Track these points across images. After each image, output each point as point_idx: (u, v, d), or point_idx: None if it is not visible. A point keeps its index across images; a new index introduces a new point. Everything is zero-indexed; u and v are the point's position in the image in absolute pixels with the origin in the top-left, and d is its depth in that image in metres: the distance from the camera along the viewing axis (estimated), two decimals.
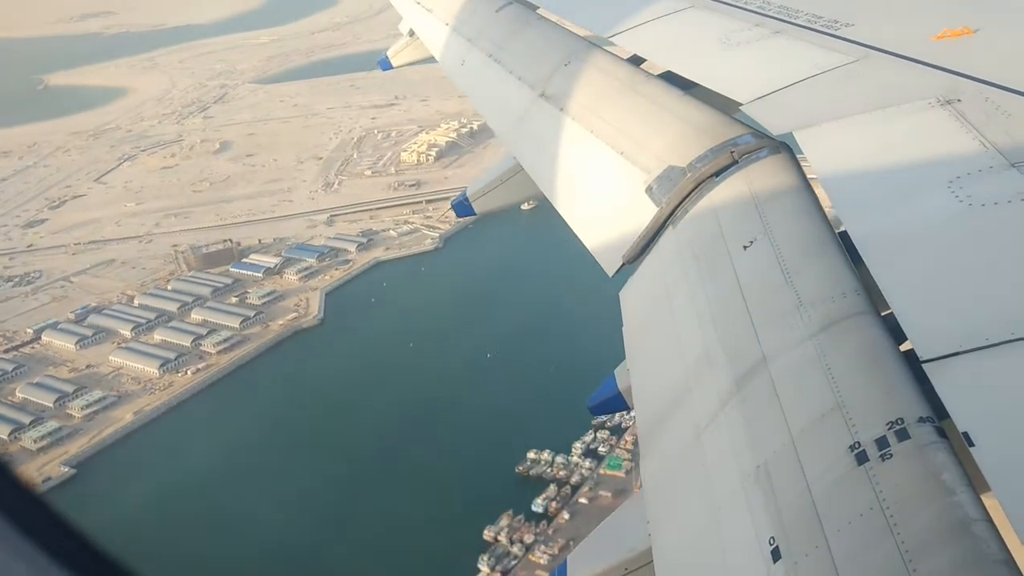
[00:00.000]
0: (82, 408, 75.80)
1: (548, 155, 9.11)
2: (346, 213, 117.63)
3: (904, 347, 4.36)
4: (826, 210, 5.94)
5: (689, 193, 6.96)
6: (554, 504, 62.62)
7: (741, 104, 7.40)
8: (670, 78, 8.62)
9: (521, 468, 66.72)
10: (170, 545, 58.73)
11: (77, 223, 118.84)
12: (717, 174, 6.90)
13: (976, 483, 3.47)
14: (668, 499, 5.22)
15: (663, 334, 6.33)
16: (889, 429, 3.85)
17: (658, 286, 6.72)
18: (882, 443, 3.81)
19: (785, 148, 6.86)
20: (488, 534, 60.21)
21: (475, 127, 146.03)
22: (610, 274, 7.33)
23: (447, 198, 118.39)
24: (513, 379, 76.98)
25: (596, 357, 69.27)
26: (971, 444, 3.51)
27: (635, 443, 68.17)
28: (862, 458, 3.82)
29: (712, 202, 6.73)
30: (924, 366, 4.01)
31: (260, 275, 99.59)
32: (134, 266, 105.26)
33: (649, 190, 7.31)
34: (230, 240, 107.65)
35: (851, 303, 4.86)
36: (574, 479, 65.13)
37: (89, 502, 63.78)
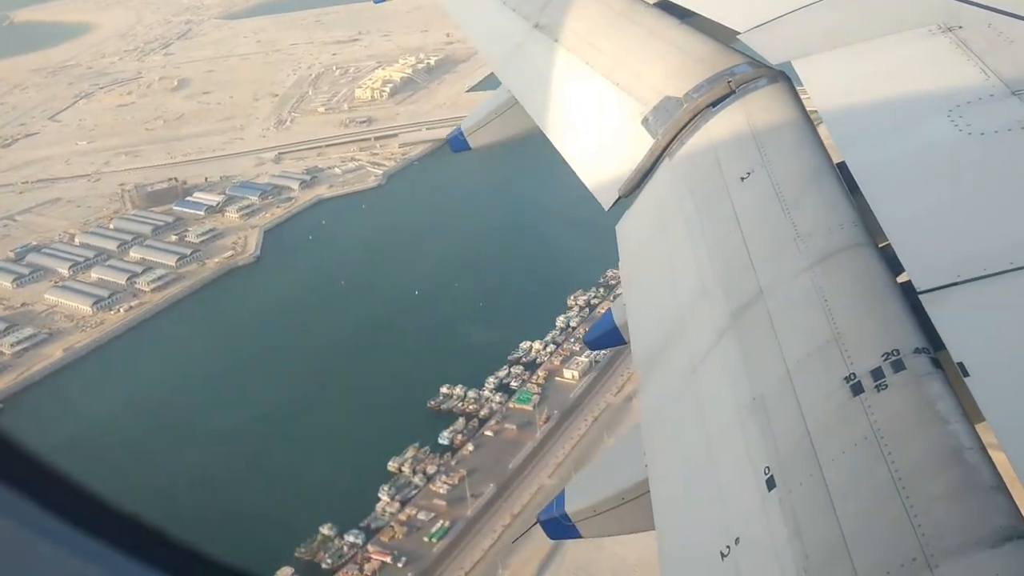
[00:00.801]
0: (12, 345, 77.16)
1: (543, 88, 9.00)
2: (295, 150, 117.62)
3: (902, 278, 4.38)
4: (824, 140, 5.91)
5: (686, 124, 6.86)
6: (460, 437, 64.36)
7: (738, 33, 7.30)
8: (666, 7, 8.52)
9: (433, 403, 68.26)
10: (89, 476, 60.47)
11: (27, 161, 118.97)
12: (714, 104, 6.80)
13: (971, 413, 3.52)
14: (664, 431, 5.25)
15: (659, 267, 6.29)
16: (885, 360, 3.86)
17: (654, 219, 6.68)
18: (877, 374, 3.83)
19: (783, 78, 6.78)
20: (393, 465, 62.05)
21: (432, 63, 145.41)
22: (606, 208, 7.26)
23: (395, 135, 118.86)
24: (438, 316, 78.04)
25: (523, 293, 70.51)
26: (966, 374, 3.55)
27: (546, 378, 69.82)
28: (857, 389, 3.85)
29: (709, 133, 6.63)
30: (921, 297, 4.03)
31: (202, 213, 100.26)
32: (79, 205, 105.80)
33: (645, 121, 7.21)
34: (175, 178, 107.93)
35: (849, 234, 4.82)
36: (483, 413, 66.72)
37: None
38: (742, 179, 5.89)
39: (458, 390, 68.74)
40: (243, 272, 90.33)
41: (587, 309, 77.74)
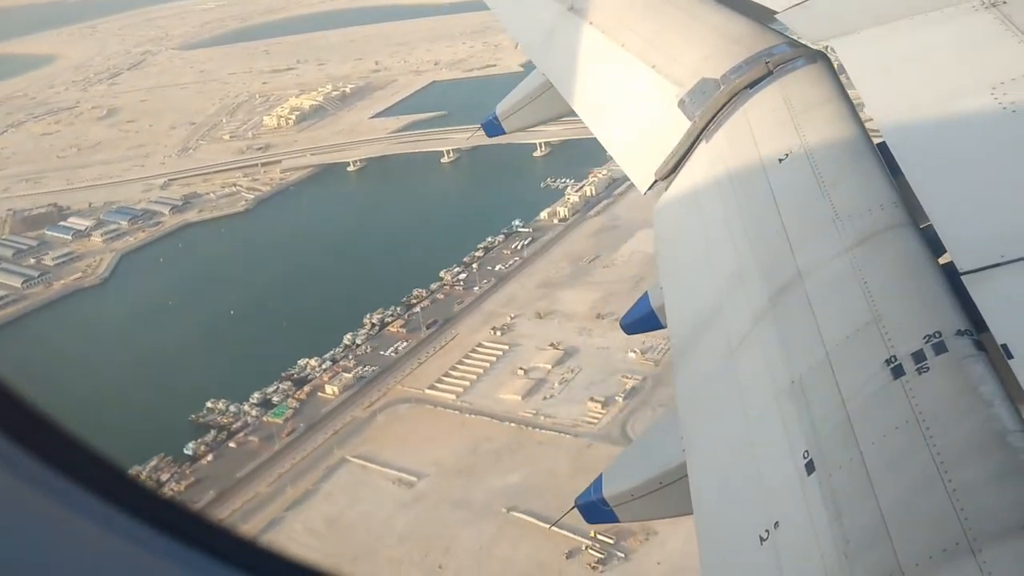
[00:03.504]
0: None
1: (577, 71, 8.98)
2: (184, 177, 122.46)
3: (943, 259, 4.34)
4: (864, 121, 5.84)
5: (723, 106, 6.84)
6: (203, 447, 67.84)
7: (776, 12, 7.28)
8: None
9: (195, 416, 71.86)
10: None
11: None
12: (752, 86, 6.77)
13: (1015, 395, 3.47)
14: (702, 415, 5.24)
15: (696, 250, 6.30)
16: (926, 342, 3.80)
17: (691, 202, 6.65)
18: (919, 356, 3.78)
19: (822, 57, 6.71)
20: (132, 473, 65.66)
21: (348, 90, 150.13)
22: (642, 191, 7.24)
23: (278, 161, 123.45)
24: (238, 335, 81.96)
25: (330, 312, 73.36)
26: (1010, 356, 3.51)
27: (309, 393, 72.92)
28: (898, 372, 3.80)
29: (747, 115, 6.59)
30: (963, 278, 3.98)
31: (70, 237, 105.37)
32: None
33: (682, 104, 7.19)
34: (55, 204, 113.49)
35: (889, 215, 4.78)
36: (237, 426, 70.13)
37: None
38: (780, 160, 5.89)
39: (221, 404, 72.21)
40: (86, 293, 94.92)
41: (378, 327, 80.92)
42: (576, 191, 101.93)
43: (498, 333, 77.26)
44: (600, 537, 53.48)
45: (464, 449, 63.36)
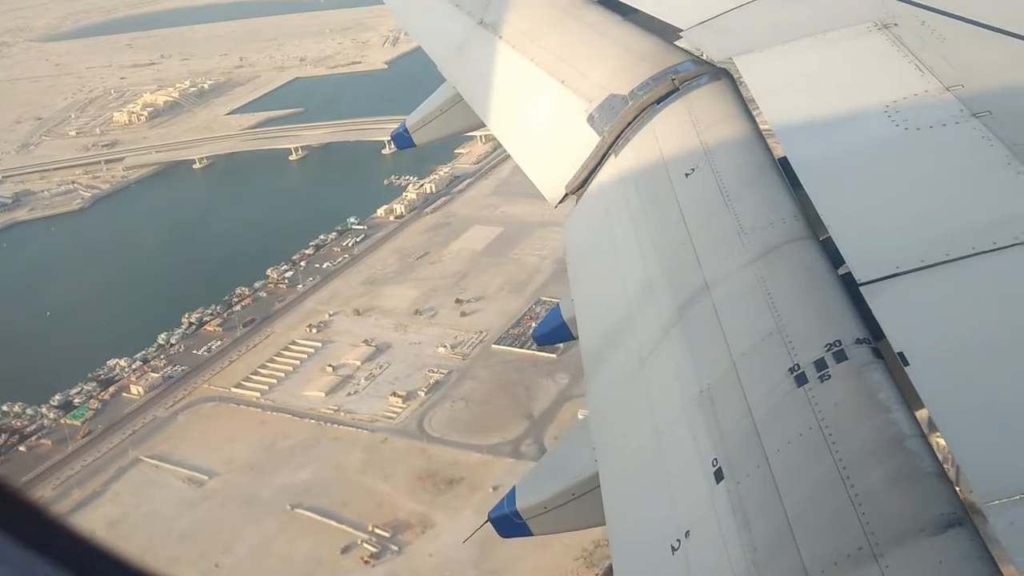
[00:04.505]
0: None
1: (488, 85, 9.07)
2: (20, 174, 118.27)
3: (842, 270, 4.52)
4: (765, 136, 6.03)
5: (631, 121, 6.98)
6: None
7: (681, 30, 7.44)
8: (610, 4, 8.65)
9: None
10: None
11: None
12: (658, 102, 6.95)
13: (911, 400, 3.63)
14: (613, 425, 5.32)
15: (606, 263, 6.43)
16: (827, 351, 3.97)
17: (601, 215, 6.77)
18: (820, 365, 3.94)
19: (725, 75, 6.92)
20: None
21: (206, 86, 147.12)
22: (553, 205, 7.37)
23: (121, 158, 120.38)
24: (54, 334, 79.56)
25: (152, 311, 71.19)
26: (906, 363, 3.65)
27: (114, 394, 71.33)
28: (801, 380, 3.95)
29: (654, 130, 6.75)
30: (861, 288, 4.14)
31: None
32: None
33: (591, 119, 7.33)
34: None
35: (790, 228, 4.98)
36: (31, 429, 68.13)
37: None
38: (687, 175, 6.03)
39: (17, 407, 70.04)
40: None
41: (195, 326, 79.68)
42: (416, 188, 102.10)
43: (313, 330, 76.88)
44: (377, 531, 53.83)
45: (260, 447, 62.92)
